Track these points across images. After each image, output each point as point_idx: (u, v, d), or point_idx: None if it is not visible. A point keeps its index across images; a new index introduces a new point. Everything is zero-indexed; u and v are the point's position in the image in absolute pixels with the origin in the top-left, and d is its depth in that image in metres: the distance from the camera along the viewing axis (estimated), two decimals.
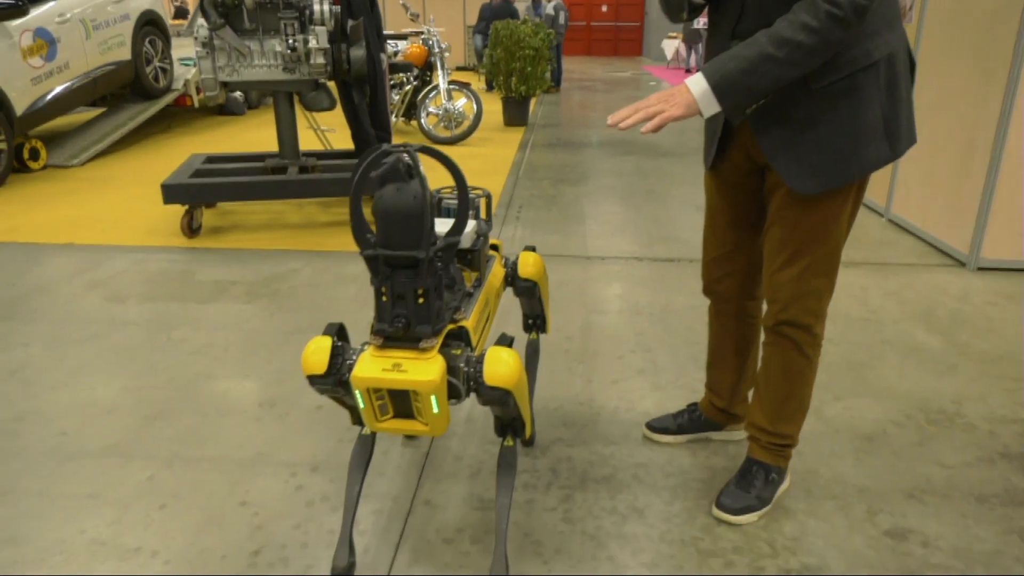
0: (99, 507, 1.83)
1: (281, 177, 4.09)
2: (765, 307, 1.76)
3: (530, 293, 1.95)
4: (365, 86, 4.39)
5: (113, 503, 1.84)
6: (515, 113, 8.25)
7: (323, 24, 3.94)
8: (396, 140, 7.26)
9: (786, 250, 1.65)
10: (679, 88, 1.50)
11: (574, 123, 8.65)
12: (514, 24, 7.96)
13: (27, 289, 3.28)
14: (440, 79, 7.07)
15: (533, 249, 1.96)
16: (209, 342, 2.75)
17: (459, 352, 1.44)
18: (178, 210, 4.37)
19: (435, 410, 1.36)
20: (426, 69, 7.47)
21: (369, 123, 4.70)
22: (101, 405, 2.30)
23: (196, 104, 7.87)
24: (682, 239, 4.05)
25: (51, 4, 5.77)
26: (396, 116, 6.84)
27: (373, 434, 1.65)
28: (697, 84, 1.48)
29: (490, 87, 11.65)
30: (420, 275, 1.37)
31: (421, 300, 1.38)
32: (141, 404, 2.31)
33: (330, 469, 1.98)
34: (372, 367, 1.36)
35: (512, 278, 1.91)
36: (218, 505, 1.84)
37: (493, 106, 8.98)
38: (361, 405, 1.40)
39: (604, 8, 23.09)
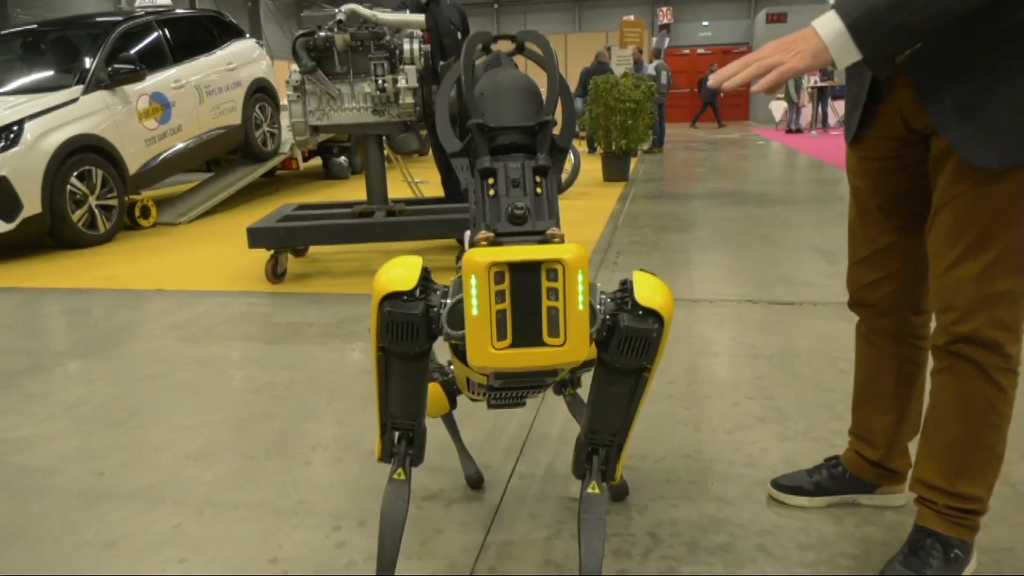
0: (112, 559, 1.57)
1: (367, 220, 3.95)
2: (934, 322, 1.32)
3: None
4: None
5: (129, 554, 1.58)
6: (615, 169, 7.99)
7: (412, 63, 3.83)
8: None
9: (962, 241, 1.22)
10: (802, 32, 1.15)
11: (678, 178, 8.28)
12: (614, 78, 7.80)
13: (108, 330, 3.21)
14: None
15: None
16: (273, 381, 2.53)
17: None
18: (267, 257, 4.31)
19: (580, 302, 1.05)
20: None
21: None
22: (147, 443, 2.09)
23: (300, 167, 8.10)
24: (803, 281, 3.56)
25: (169, 71, 6.09)
26: None
27: (407, 479, 1.31)
28: (828, 25, 1.13)
29: (592, 149, 11.53)
30: (538, 156, 1.16)
31: (540, 190, 1.15)
32: (187, 443, 2.08)
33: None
34: (492, 250, 1.06)
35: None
36: (244, 561, 1.54)
37: (593, 164, 8.78)
38: (474, 310, 1.05)
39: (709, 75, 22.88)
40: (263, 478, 1.87)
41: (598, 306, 1.14)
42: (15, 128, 4.79)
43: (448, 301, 1.15)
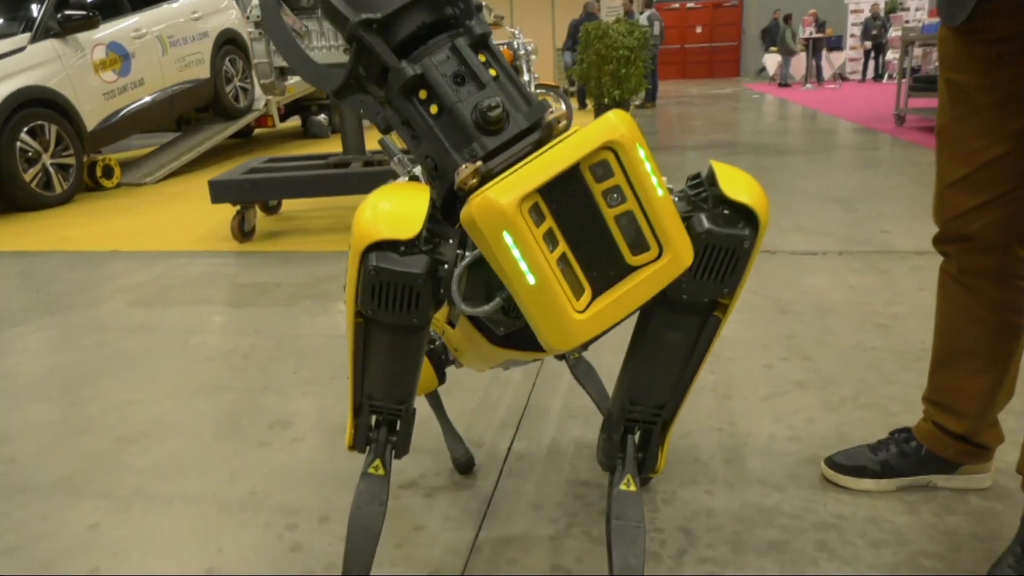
0: (9, 569, 1.24)
1: (342, 171, 3.58)
2: None
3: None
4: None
5: (31, 563, 1.26)
6: None
7: None
8: None
9: None
10: None
11: (673, 131, 7.90)
12: (606, 24, 7.37)
13: (50, 296, 2.85)
14: (527, 82, 6.52)
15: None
16: (232, 348, 2.19)
17: None
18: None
19: (656, 185, 0.74)
20: None
21: None
22: (75, 423, 1.76)
23: (277, 125, 7.67)
24: (822, 231, 3.23)
25: (128, 20, 5.62)
26: None
27: (386, 474, 0.99)
28: None
29: (583, 104, 11.10)
30: (468, 25, 0.83)
31: (493, 71, 0.82)
32: (123, 423, 1.75)
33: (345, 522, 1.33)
34: (502, 185, 0.71)
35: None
36: (173, 570, 1.22)
37: (586, 118, 8.38)
38: (529, 278, 0.71)
39: (699, 29, 22.28)
40: (208, 464, 1.55)
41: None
42: None
43: (467, 255, 0.80)
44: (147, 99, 5.77)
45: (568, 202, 0.73)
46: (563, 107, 0.82)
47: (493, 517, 1.31)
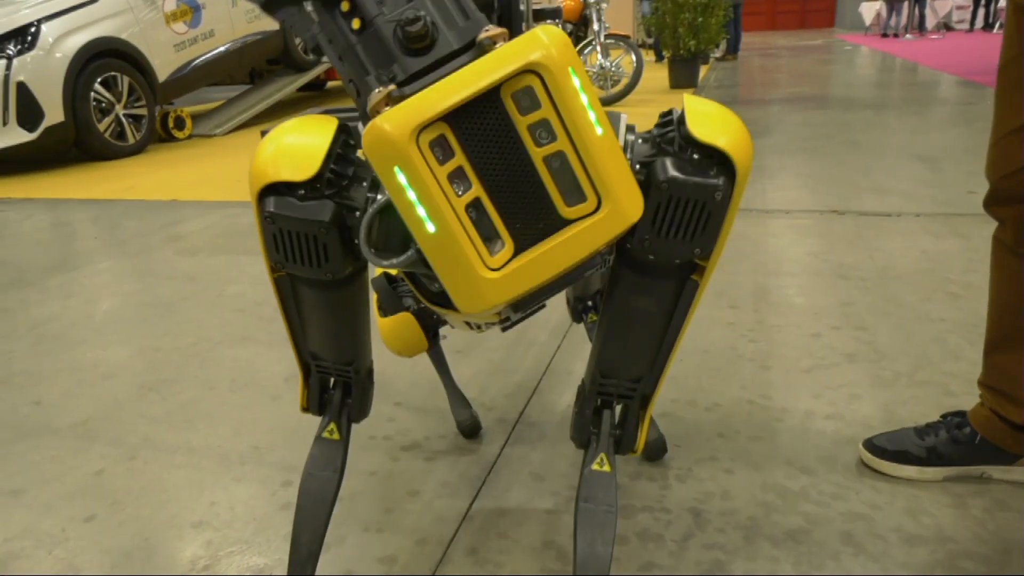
0: (13, 509, 1.26)
1: None
2: None
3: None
4: (492, 17, 3.71)
5: (34, 506, 1.27)
6: (683, 74, 7.25)
7: None
8: None
9: None
10: None
11: (753, 84, 7.48)
12: None
13: (105, 243, 2.93)
14: (596, 33, 6.27)
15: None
16: (264, 300, 2.18)
17: None
18: None
19: (594, 122, 0.61)
20: (580, 24, 6.70)
21: None
22: (101, 369, 1.78)
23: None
24: (902, 191, 2.96)
25: None
26: None
27: (345, 438, 0.92)
28: None
29: (659, 56, 10.67)
30: None
31: None
32: (146, 370, 1.76)
33: (350, 477, 1.29)
34: (400, 109, 0.60)
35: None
36: (161, 523, 1.20)
37: (659, 72, 8.04)
38: (428, 225, 0.61)
39: None
40: (218, 414, 1.53)
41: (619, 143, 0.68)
42: (31, 30, 4.49)
43: (378, 198, 0.70)
44: (217, 50, 5.84)
45: (485, 136, 0.61)
46: (633, 60, 0.69)
47: (491, 486, 1.24)
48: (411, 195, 0.60)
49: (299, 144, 0.69)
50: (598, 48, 6.27)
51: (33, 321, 2.13)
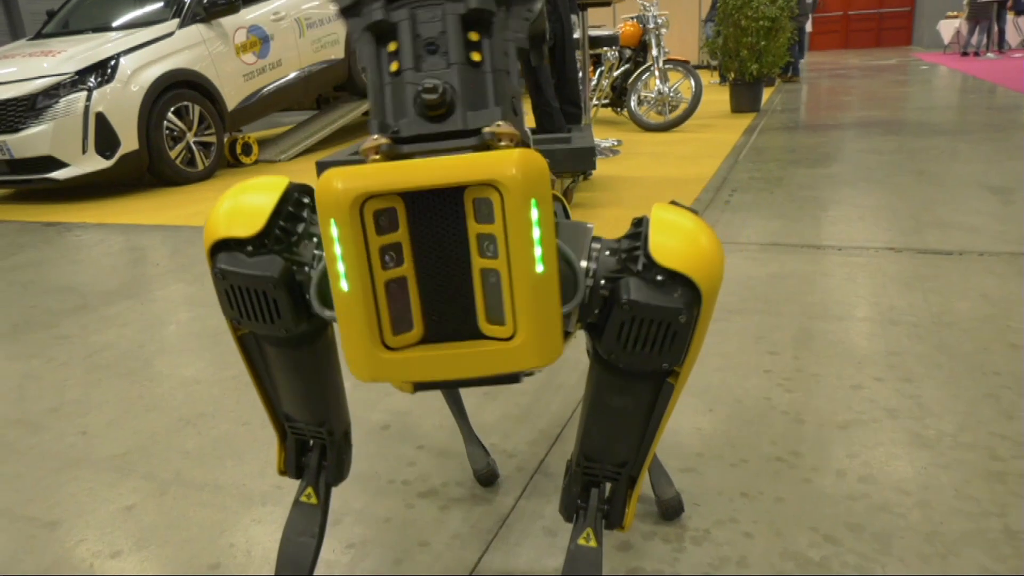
0: (47, 543, 1.32)
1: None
2: None
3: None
4: (542, 47, 3.73)
5: (66, 539, 1.32)
6: (745, 98, 7.12)
7: None
8: (601, 130, 6.57)
9: None
10: None
11: (820, 106, 7.29)
12: None
13: (165, 269, 3.06)
14: (655, 58, 6.23)
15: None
16: None
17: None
18: None
19: (537, 258, 0.60)
20: (640, 50, 6.67)
21: (553, 95, 4.04)
22: (144, 401, 1.86)
23: None
24: (968, 225, 2.82)
25: (268, 3, 5.91)
26: (599, 100, 6.12)
27: (323, 503, 0.92)
28: None
29: (723, 79, 10.51)
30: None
31: (476, 55, 0.69)
32: (186, 403, 1.82)
33: (364, 523, 1.30)
34: (364, 170, 0.62)
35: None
36: (181, 563, 1.23)
37: (720, 95, 7.92)
38: (342, 282, 0.62)
39: None
40: (247, 452, 1.57)
41: (584, 263, 0.67)
42: (111, 63, 4.76)
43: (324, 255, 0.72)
44: (284, 79, 6.06)
45: (436, 225, 0.62)
46: (692, 85, 0.68)
47: (503, 540, 1.23)
48: (337, 250, 0.61)
49: (248, 202, 0.72)
50: (656, 73, 6.23)
51: (90, 349, 2.23)
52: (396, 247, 0.62)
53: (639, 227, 0.68)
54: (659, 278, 0.65)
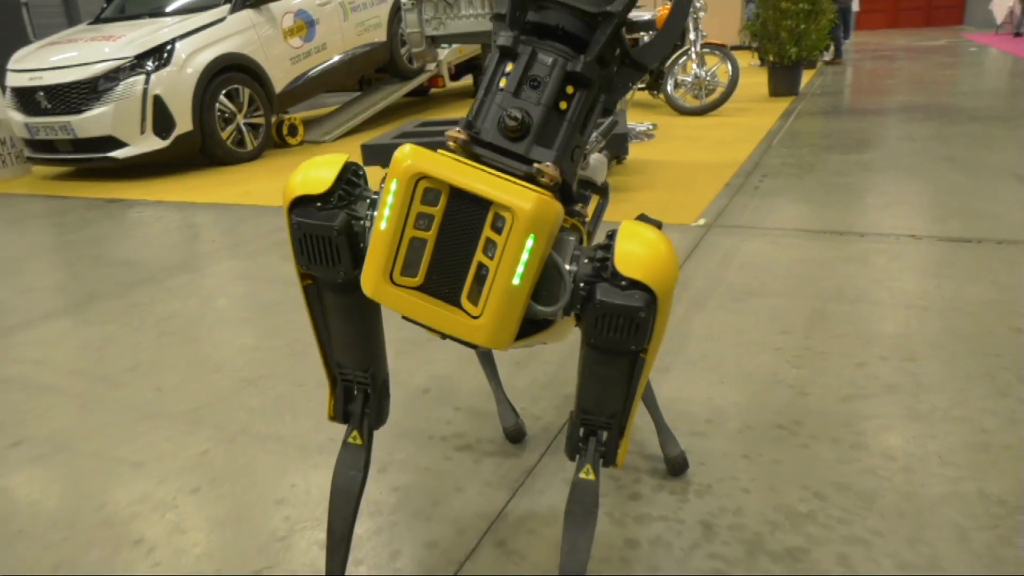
0: (136, 480, 1.53)
1: None
2: None
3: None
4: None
5: (152, 477, 1.53)
6: (783, 81, 7.11)
7: None
8: (637, 114, 6.63)
9: None
10: None
11: (860, 90, 7.24)
12: None
13: (222, 245, 3.28)
14: (692, 42, 6.27)
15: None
16: None
17: (570, 227, 0.88)
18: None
19: (516, 276, 0.79)
20: None
21: None
22: (210, 363, 2.07)
23: (447, 84, 7.99)
24: (992, 214, 2.89)
25: None
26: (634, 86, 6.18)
27: (367, 443, 1.10)
28: None
29: (763, 61, 10.42)
30: (591, 58, 0.84)
31: (563, 104, 0.85)
32: (247, 366, 2.03)
33: (407, 471, 1.48)
34: (434, 158, 0.81)
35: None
36: (251, 499, 1.43)
37: (760, 77, 7.89)
38: (383, 222, 0.82)
39: None
40: (303, 410, 1.77)
41: (567, 267, 0.84)
42: (167, 48, 5.00)
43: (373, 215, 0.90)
44: (329, 62, 6.26)
45: (463, 217, 0.80)
46: (728, 69, 0.83)
47: (528, 488, 1.40)
48: (389, 200, 0.80)
49: (317, 171, 0.92)
50: (693, 57, 6.27)
51: (158, 316, 2.46)
52: (430, 217, 0.81)
53: (611, 239, 0.85)
54: (623, 283, 0.82)
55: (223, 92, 5.27)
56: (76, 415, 1.83)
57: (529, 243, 0.77)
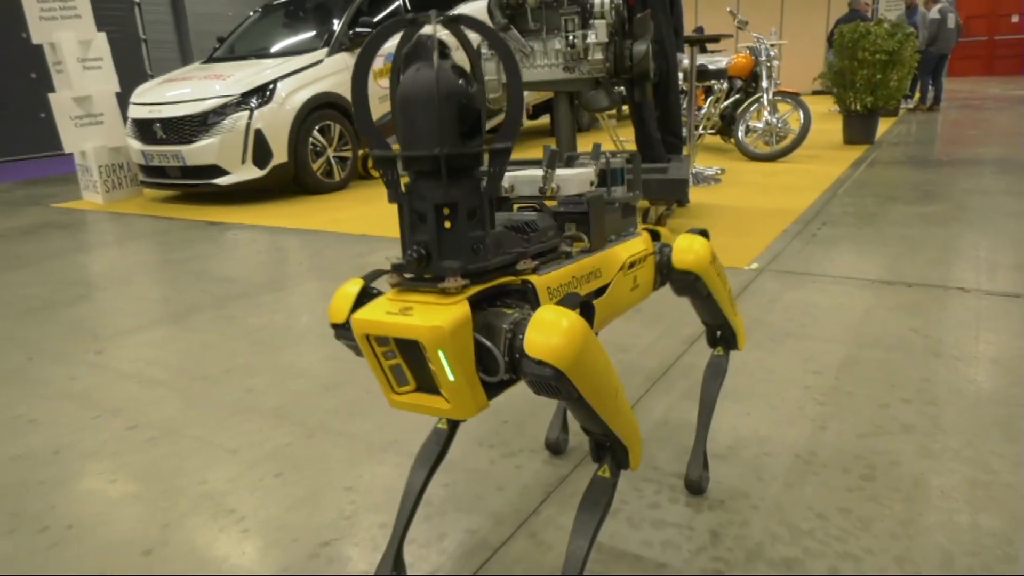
0: (230, 463, 1.80)
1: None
2: None
3: (693, 290, 1.44)
4: (646, 85, 4.07)
5: (244, 462, 1.80)
6: (858, 129, 7.13)
7: (603, 17, 3.72)
8: (707, 158, 6.77)
9: None
10: None
11: (939, 140, 7.17)
12: (865, 25, 6.88)
13: (308, 267, 3.62)
14: (764, 89, 6.40)
15: (703, 233, 1.45)
16: None
17: (510, 311, 1.03)
18: None
19: (448, 375, 0.98)
20: (751, 80, 6.84)
21: (655, 127, 4.36)
22: (294, 369, 2.35)
23: (525, 123, 8.32)
24: None
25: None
26: (705, 130, 6.34)
27: (451, 428, 1.32)
28: None
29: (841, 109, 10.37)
30: (445, 185, 0.98)
31: (448, 224, 1.01)
32: (326, 373, 2.30)
33: (457, 471, 1.70)
34: (376, 310, 1.01)
35: (666, 269, 1.43)
36: (324, 484, 1.68)
37: (837, 124, 7.90)
38: (371, 365, 1.06)
39: (1014, 19, 19.28)
40: (370, 414, 2.01)
41: (498, 351, 1.00)
42: (270, 87, 5.50)
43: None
44: None
45: (405, 344, 1.00)
46: (800, 117, 1.04)
47: (560, 492, 1.59)
48: (368, 347, 1.03)
49: (338, 303, 1.14)
50: (765, 104, 6.39)
51: (251, 328, 2.77)
52: (390, 352, 1.02)
53: (526, 318, 1.01)
54: (536, 360, 0.97)
55: (316, 127, 5.73)
56: (181, 406, 2.13)
57: (442, 355, 0.96)
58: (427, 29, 1.00)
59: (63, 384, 2.36)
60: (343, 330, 1.14)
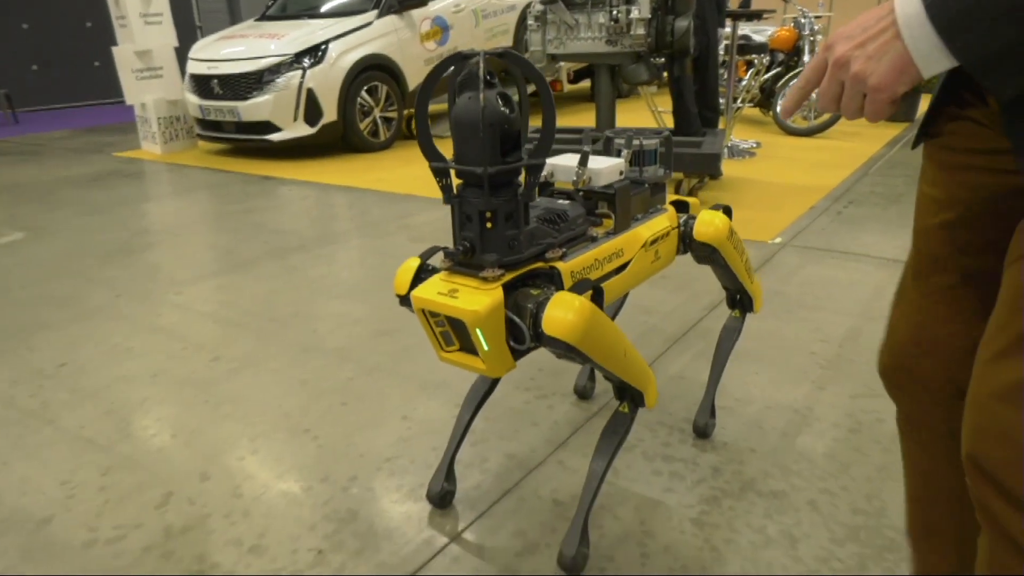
0: (303, 393, 2.10)
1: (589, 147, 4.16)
2: None
3: (711, 260, 1.67)
4: (685, 60, 4.22)
5: (315, 392, 2.10)
6: (900, 107, 7.10)
7: None
8: (744, 130, 6.86)
9: (1012, 327, 0.70)
10: (874, 22, 0.71)
11: None
12: None
13: (359, 224, 3.90)
14: (805, 64, 6.45)
15: (727, 211, 1.67)
16: None
17: (536, 292, 1.26)
18: None
19: (484, 345, 1.23)
20: (793, 55, 6.88)
21: (693, 101, 4.52)
22: (352, 316, 2.64)
23: (565, 88, 8.45)
24: None
25: None
26: (743, 103, 6.43)
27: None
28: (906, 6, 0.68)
29: None
30: (487, 195, 1.21)
31: (489, 224, 1.24)
32: (382, 321, 2.58)
33: (498, 409, 1.97)
34: (430, 289, 1.26)
35: (688, 241, 1.66)
36: (385, 413, 1.97)
37: None
38: (425, 328, 1.32)
39: None
40: (423, 357, 2.29)
41: (524, 327, 1.22)
42: (322, 47, 5.73)
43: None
44: None
45: (454, 320, 1.23)
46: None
47: (586, 428, 1.86)
48: (427, 320, 1.28)
49: (401, 277, 1.37)
50: None
51: (311, 277, 3.07)
52: (440, 320, 1.26)
53: (545, 301, 1.23)
54: (551, 337, 1.21)
55: (364, 88, 5.96)
56: (256, 344, 2.43)
57: (480, 332, 1.20)
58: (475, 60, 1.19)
59: (150, 319, 2.68)
60: (405, 300, 1.40)
